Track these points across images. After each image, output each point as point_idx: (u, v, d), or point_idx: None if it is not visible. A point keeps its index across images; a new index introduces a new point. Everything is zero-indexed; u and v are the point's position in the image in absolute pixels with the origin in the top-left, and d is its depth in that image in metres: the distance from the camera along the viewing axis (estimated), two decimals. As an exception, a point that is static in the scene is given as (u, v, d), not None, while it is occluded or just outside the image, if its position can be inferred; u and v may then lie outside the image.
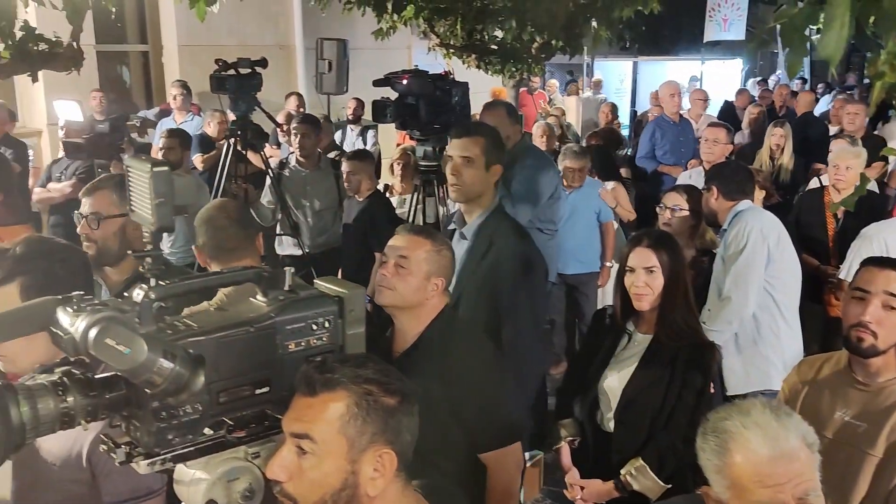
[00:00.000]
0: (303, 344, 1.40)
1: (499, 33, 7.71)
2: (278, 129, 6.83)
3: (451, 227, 3.16)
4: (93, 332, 1.12)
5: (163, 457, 1.29)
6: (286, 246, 5.45)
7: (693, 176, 5.34)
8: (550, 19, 7.21)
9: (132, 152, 5.61)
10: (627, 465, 2.57)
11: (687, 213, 3.77)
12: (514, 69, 7.75)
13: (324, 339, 1.42)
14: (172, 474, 1.37)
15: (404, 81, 3.72)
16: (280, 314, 1.37)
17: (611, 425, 2.66)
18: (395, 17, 7.32)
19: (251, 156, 5.06)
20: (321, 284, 1.47)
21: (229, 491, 1.35)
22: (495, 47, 7.81)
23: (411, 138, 4.04)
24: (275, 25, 10.65)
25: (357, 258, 4.78)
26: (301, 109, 8.14)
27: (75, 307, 1.19)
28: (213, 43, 9.78)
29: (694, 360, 2.59)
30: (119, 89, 9.95)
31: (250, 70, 4.80)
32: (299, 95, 8.56)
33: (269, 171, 5.13)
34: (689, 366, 2.57)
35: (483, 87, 9.49)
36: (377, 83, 3.84)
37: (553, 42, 7.67)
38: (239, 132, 4.85)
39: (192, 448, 1.31)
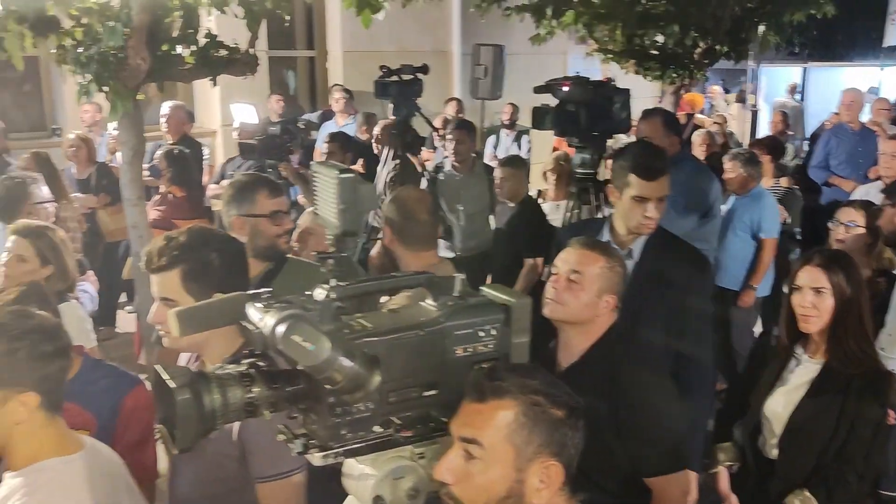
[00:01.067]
0: (470, 350, 1.42)
1: (660, 38, 7.52)
2: (434, 134, 6.97)
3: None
4: (280, 329, 1.19)
5: (336, 450, 1.34)
6: (439, 249, 5.55)
7: (870, 192, 4.99)
8: (716, 24, 6.95)
9: (300, 154, 5.90)
10: (791, 495, 2.44)
11: (863, 230, 3.54)
12: (674, 75, 7.53)
13: (490, 346, 1.44)
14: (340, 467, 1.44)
15: (565, 88, 3.70)
16: (449, 319, 1.40)
17: (774, 452, 2.54)
18: (554, 22, 7.29)
19: (409, 160, 5.20)
20: (489, 292, 1.49)
21: (396, 489, 1.39)
22: (655, 52, 7.62)
23: (570, 145, 4.01)
24: (433, 31, 10.88)
25: (506, 263, 4.81)
26: (459, 115, 8.27)
27: (264, 304, 1.27)
28: (375, 49, 10.12)
29: (870, 389, 2.43)
30: (286, 93, 10.49)
31: (412, 76, 4.93)
32: (458, 101, 8.70)
33: (425, 174, 5.24)
34: (864, 395, 2.41)
35: (642, 92, 9.30)
36: (538, 90, 3.84)
37: (717, 47, 7.40)
38: (399, 136, 4.99)
39: (362, 444, 1.36)
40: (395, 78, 4.91)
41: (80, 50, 4.72)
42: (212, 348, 2.12)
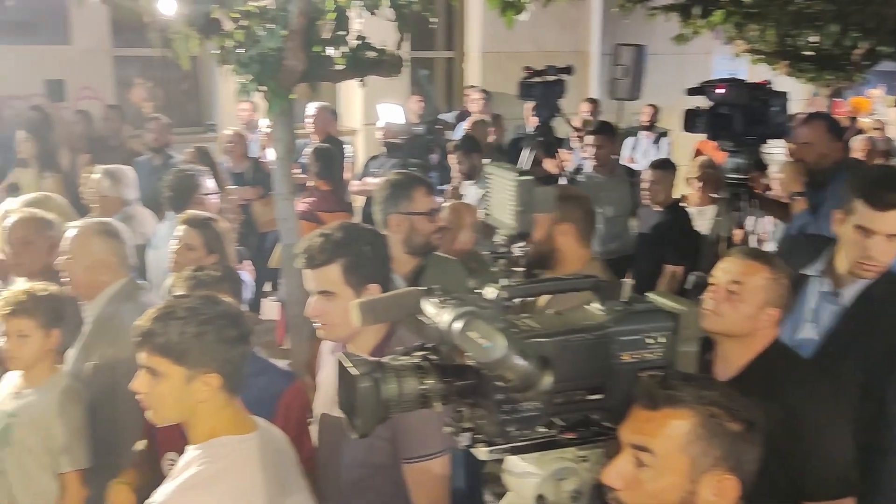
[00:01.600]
0: (636, 356, 1.41)
1: (815, 38, 7.16)
2: (572, 135, 6.92)
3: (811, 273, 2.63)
4: (457, 325, 1.22)
5: (501, 446, 1.37)
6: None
7: None
8: (879, 23, 6.54)
9: (438, 153, 6.00)
10: None
11: None
12: (829, 77, 7.16)
13: (657, 353, 1.42)
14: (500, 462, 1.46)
15: (720, 90, 3.59)
16: (617, 324, 1.40)
17: None
18: (702, 22, 7.08)
19: (547, 161, 5.19)
20: (656, 299, 1.47)
21: (558, 489, 1.40)
22: (810, 53, 7.27)
23: (722, 149, 3.89)
24: (572, 32, 10.80)
25: (649, 268, 4.71)
26: (594, 115, 8.17)
27: (440, 299, 1.31)
28: (514, 49, 10.15)
29: None
30: (425, 93, 10.68)
31: (556, 77, 4.92)
32: (594, 101, 8.59)
33: (564, 176, 5.21)
34: None
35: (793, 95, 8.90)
36: (691, 92, 3.74)
37: (879, 48, 6.97)
38: (539, 138, 4.99)
39: (527, 442, 1.38)
40: (538, 79, 4.91)
41: (241, 51, 5.00)
42: (359, 340, 2.22)
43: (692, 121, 3.64)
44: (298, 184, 6.25)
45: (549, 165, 5.32)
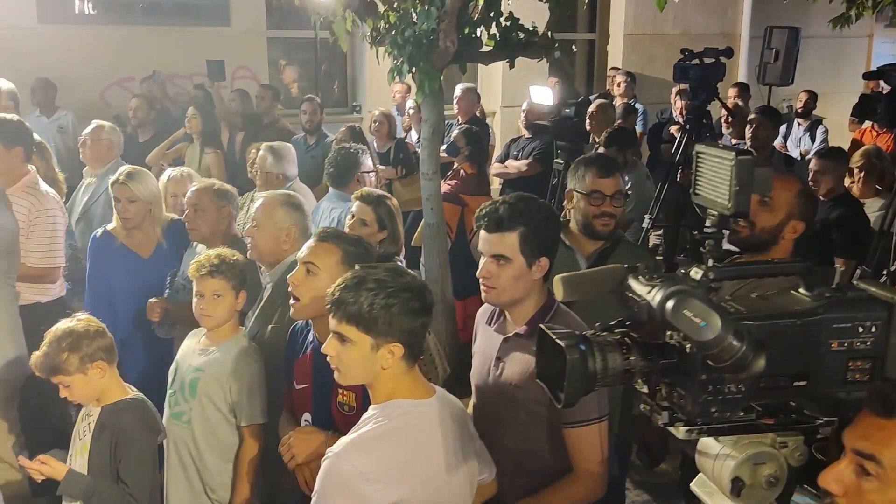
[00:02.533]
0: (845, 344, 1.37)
1: None
2: (723, 120, 6.69)
3: None
4: (671, 303, 1.23)
5: (700, 427, 1.37)
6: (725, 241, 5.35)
7: None
8: None
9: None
10: None
11: None
12: None
13: (868, 343, 1.38)
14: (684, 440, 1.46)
15: (904, 75, 3.38)
16: (828, 311, 1.36)
17: None
18: (869, 2, 6.65)
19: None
20: (869, 287, 1.42)
21: (755, 474, 1.38)
22: None
23: (899, 138, 3.66)
24: (721, 14, 10.41)
25: (817, 260, 4.49)
26: (741, 100, 7.85)
27: (646, 277, 1.32)
28: (658, 31, 9.91)
29: None
30: (564, 75, 10.58)
31: (715, 59, 4.77)
32: (743, 85, 8.26)
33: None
34: None
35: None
36: (868, 76, 3.55)
37: None
38: (695, 121, 4.86)
39: (727, 425, 1.37)
40: (696, 61, 4.77)
41: (394, 33, 5.11)
42: (520, 308, 2.34)
43: (868, 106, 3.45)
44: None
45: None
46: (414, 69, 5.02)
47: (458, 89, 7.21)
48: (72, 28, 7.86)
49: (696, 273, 1.36)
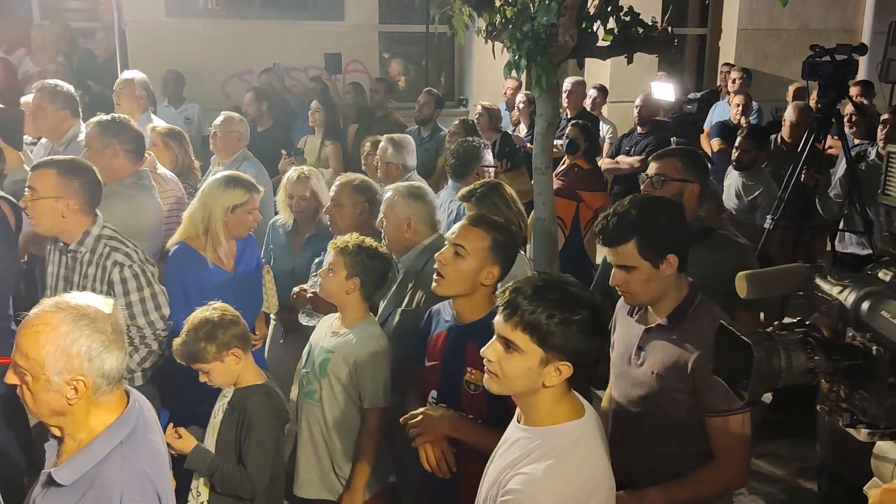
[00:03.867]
0: None
1: None
2: (846, 119, 6.44)
3: None
4: (867, 304, 1.23)
5: (883, 430, 1.36)
6: (848, 243, 5.17)
7: None
8: None
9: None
10: None
11: None
12: None
13: None
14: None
15: None
16: None
17: None
18: None
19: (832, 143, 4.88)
20: None
21: (939, 480, 1.36)
22: None
23: None
24: (842, 8, 10.00)
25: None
26: (866, 99, 7.54)
27: (835, 277, 1.32)
28: (774, 27, 9.60)
29: None
30: (674, 71, 10.40)
31: (847, 56, 4.60)
32: (866, 83, 7.92)
33: (849, 162, 4.88)
34: None
35: None
36: None
37: None
38: (823, 120, 4.71)
39: (912, 428, 1.35)
40: (827, 58, 4.62)
41: (511, 27, 5.14)
42: (661, 305, 2.34)
43: None
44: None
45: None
46: (530, 63, 5.04)
47: (568, 83, 7.18)
48: (196, 22, 8.21)
49: (885, 274, 1.35)
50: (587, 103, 7.44)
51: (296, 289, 3.62)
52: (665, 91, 5.32)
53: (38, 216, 3.02)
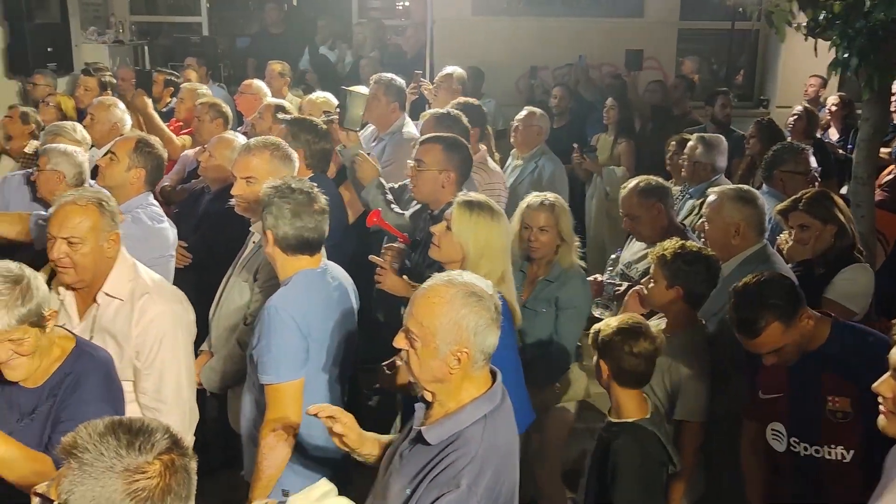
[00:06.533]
0: None
1: None
2: None
3: None
4: None
5: None
6: None
7: None
8: None
9: None
10: None
11: None
12: None
13: None
14: None
15: None
16: None
17: None
18: None
19: None
20: None
21: None
22: None
23: None
24: None
25: None
26: None
27: None
28: None
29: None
30: None
31: None
32: None
33: None
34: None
35: None
36: None
37: None
38: None
39: None
40: None
41: (840, 23, 4.71)
42: None
43: None
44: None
45: None
46: (861, 63, 4.60)
47: (900, 84, 6.46)
48: (499, 19, 8.50)
49: None
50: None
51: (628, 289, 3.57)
52: None
53: (420, 185, 3.42)
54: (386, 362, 2.75)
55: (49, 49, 7.82)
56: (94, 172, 3.75)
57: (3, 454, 2.02)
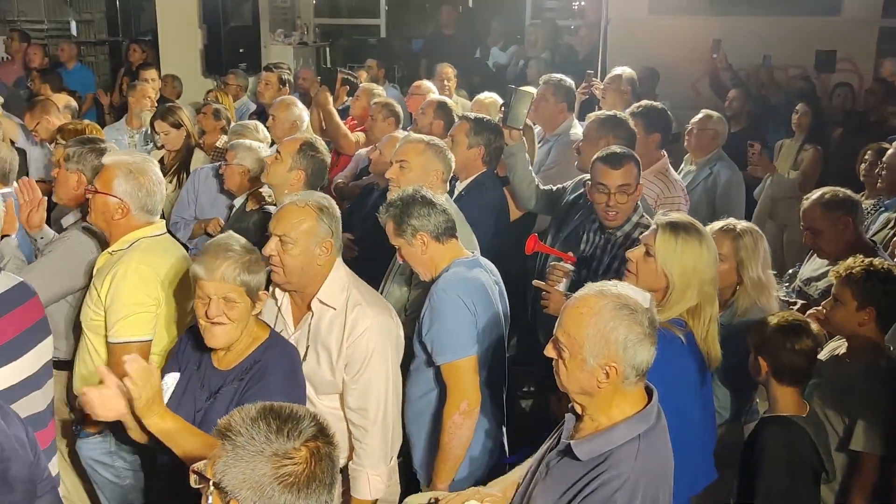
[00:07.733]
0: None
1: None
2: None
3: None
4: None
5: None
6: None
7: None
8: None
9: None
10: None
11: None
12: None
13: None
14: None
15: None
16: None
17: None
18: None
19: None
20: None
21: None
22: None
23: None
24: None
25: None
26: None
27: None
28: None
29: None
30: None
31: None
32: None
33: None
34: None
35: None
36: None
37: None
38: None
39: None
40: None
41: None
42: None
43: None
44: None
45: None
46: None
47: None
48: (678, 18, 8.16)
49: None
50: None
51: None
52: None
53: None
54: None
55: (241, 50, 8.37)
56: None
57: (171, 428, 2.16)
